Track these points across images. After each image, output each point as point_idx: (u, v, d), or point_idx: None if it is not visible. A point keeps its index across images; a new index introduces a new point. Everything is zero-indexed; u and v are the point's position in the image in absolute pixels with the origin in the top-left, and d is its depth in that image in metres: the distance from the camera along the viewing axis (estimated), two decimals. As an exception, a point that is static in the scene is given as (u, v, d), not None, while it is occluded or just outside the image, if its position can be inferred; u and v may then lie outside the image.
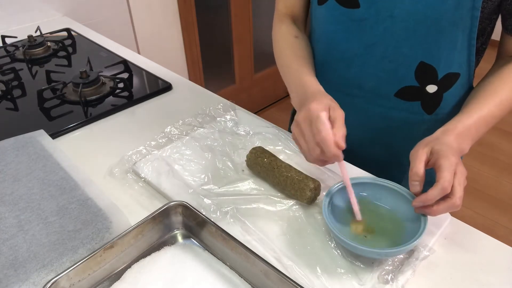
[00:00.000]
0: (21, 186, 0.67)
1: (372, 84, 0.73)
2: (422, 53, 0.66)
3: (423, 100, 0.72)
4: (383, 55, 0.69)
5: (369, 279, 0.53)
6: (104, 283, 0.54)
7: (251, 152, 0.70)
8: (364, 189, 0.62)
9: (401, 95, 0.72)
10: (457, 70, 0.68)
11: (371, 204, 0.62)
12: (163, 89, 0.99)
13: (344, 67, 0.74)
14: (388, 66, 0.70)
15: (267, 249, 0.57)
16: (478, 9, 0.60)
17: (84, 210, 0.62)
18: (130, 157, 0.75)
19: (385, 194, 0.61)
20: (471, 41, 0.64)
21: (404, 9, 0.63)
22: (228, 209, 0.63)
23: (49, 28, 1.36)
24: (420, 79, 0.69)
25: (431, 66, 0.67)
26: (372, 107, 0.76)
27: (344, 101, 0.76)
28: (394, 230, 0.58)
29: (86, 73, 0.98)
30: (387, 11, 0.65)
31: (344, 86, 0.77)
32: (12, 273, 0.53)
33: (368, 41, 0.69)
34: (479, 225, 0.61)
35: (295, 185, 0.63)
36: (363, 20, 0.68)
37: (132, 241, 0.56)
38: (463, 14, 0.61)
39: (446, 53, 0.66)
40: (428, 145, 0.55)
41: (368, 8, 0.66)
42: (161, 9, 1.82)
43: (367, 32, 0.68)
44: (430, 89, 0.70)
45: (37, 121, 0.89)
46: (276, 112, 2.69)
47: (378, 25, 0.67)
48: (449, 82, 0.69)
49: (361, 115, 0.78)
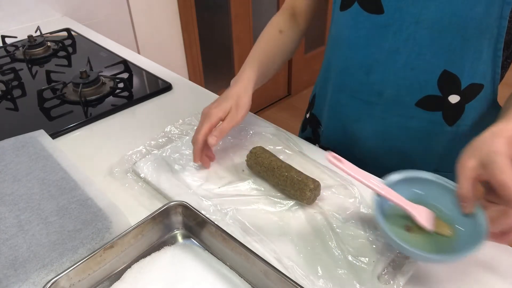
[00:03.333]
0: (21, 186, 0.67)
1: (393, 92, 0.71)
2: (445, 61, 0.65)
3: (444, 110, 0.69)
4: (406, 62, 0.67)
5: (370, 279, 0.53)
6: (104, 283, 0.54)
7: (251, 152, 0.70)
8: (418, 185, 0.55)
9: (422, 104, 0.70)
10: (481, 81, 0.66)
11: (428, 205, 0.55)
12: (163, 89, 0.99)
13: (364, 73, 0.73)
14: (410, 73, 0.68)
15: (267, 249, 0.57)
16: (506, 18, 0.59)
17: (84, 210, 0.62)
18: (130, 157, 0.75)
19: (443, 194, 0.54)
20: (497, 52, 0.63)
21: (430, 15, 0.62)
22: (228, 209, 0.63)
23: (49, 28, 1.36)
24: (442, 89, 0.67)
25: (455, 75, 0.65)
26: (391, 116, 0.74)
27: (362, 109, 0.77)
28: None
29: (86, 73, 0.98)
30: (412, 17, 0.64)
31: (363, 94, 0.75)
32: (12, 273, 0.53)
33: (390, 48, 0.68)
34: (479, 225, 0.60)
35: (295, 185, 0.63)
36: (387, 26, 0.67)
37: (132, 241, 0.56)
38: (490, 23, 0.60)
39: (470, 62, 0.64)
40: (475, 156, 0.47)
41: (393, 14, 0.65)
42: (161, 9, 1.82)
43: (390, 38, 0.67)
44: (453, 99, 0.68)
45: (37, 121, 0.89)
46: (276, 112, 2.69)
47: (402, 31, 0.66)
48: (472, 93, 0.67)
49: (379, 124, 0.76)
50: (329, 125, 0.86)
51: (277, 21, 0.82)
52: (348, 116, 0.80)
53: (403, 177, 0.54)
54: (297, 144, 0.78)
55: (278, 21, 0.82)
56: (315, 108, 0.92)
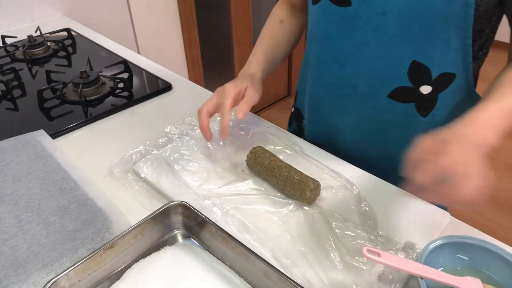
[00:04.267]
0: (21, 186, 0.67)
1: (366, 84, 0.72)
2: (414, 52, 0.65)
3: (417, 101, 0.70)
4: (376, 55, 0.68)
5: (369, 279, 0.53)
6: (104, 283, 0.54)
7: (251, 152, 0.70)
8: (464, 250, 0.53)
9: (394, 96, 0.70)
10: (452, 70, 0.66)
11: (477, 272, 0.52)
12: (163, 89, 0.99)
13: (338, 67, 0.73)
14: (380, 65, 0.68)
15: (267, 249, 0.57)
16: (472, 6, 0.58)
17: (84, 210, 0.62)
18: (130, 157, 0.75)
19: (491, 259, 0.51)
20: (466, 40, 0.62)
21: (396, 6, 0.62)
22: (228, 209, 0.63)
23: (49, 28, 1.36)
24: (413, 80, 0.68)
25: (424, 66, 0.66)
26: (366, 108, 0.74)
27: (338, 102, 0.77)
28: None
29: (86, 73, 0.98)
30: (379, 8, 0.64)
31: (338, 87, 0.76)
32: (12, 273, 0.53)
33: (360, 40, 0.68)
34: (479, 225, 0.60)
35: (295, 185, 0.63)
36: (355, 18, 0.67)
37: (132, 241, 0.56)
38: (455, 11, 0.59)
39: (439, 52, 0.64)
40: (439, 134, 0.50)
41: (360, 6, 0.66)
42: (161, 9, 1.82)
43: (359, 31, 0.68)
44: (424, 90, 0.68)
45: (37, 121, 0.89)
46: (276, 112, 2.69)
47: (370, 23, 0.66)
48: (444, 83, 0.68)
49: (355, 117, 0.77)
50: (310, 119, 0.87)
51: (278, 13, 0.85)
52: (327, 109, 0.81)
53: (445, 242, 0.53)
54: (297, 144, 0.78)
55: (279, 12, 0.85)
56: (298, 102, 0.93)
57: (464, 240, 0.53)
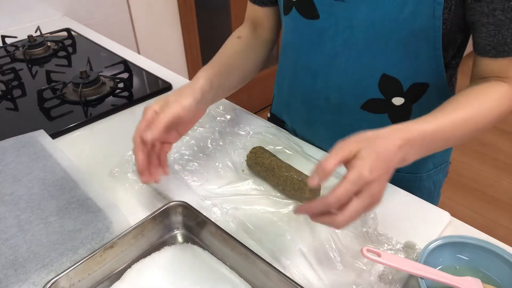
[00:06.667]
0: (21, 186, 0.67)
1: (338, 96, 0.71)
2: (383, 64, 0.64)
3: (390, 112, 0.69)
4: (345, 67, 0.67)
5: (369, 279, 0.53)
6: (104, 283, 0.54)
7: (251, 152, 0.70)
8: (464, 250, 0.53)
9: (367, 107, 0.70)
10: (424, 80, 0.65)
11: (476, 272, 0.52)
12: (163, 89, 0.99)
13: (311, 78, 0.73)
14: (351, 78, 0.68)
15: (266, 249, 0.57)
16: (439, 18, 0.57)
17: (84, 210, 0.62)
18: (130, 157, 0.75)
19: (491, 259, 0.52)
20: (436, 51, 0.61)
21: (362, 19, 0.62)
22: (228, 209, 0.63)
23: (49, 28, 1.36)
24: (384, 92, 0.67)
25: (394, 78, 0.65)
26: (340, 119, 0.74)
27: (313, 113, 0.77)
28: None
29: (86, 73, 0.98)
30: (346, 21, 0.63)
31: (312, 99, 0.75)
32: (12, 273, 0.53)
33: (330, 52, 0.68)
34: (479, 225, 0.60)
35: (295, 185, 0.63)
36: (324, 31, 0.67)
37: (132, 241, 0.56)
38: (422, 24, 0.58)
39: (408, 64, 0.63)
40: (360, 144, 0.48)
41: (327, 19, 0.65)
42: (161, 9, 1.82)
43: (328, 43, 0.67)
44: (397, 102, 0.68)
45: (37, 121, 0.88)
46: (276, 112, 2.69)
47: (338, 36, 0.66)
48: (417, 93, 0.67)
49: (330, 128, 0.76)
50: (290, 126, 0.87)
51: (238, 30, 0.82)
52: (303, 120, 0.81)
53: (445, 242, 0.53)
54: (297, 144, 0.78)
55: (239, 30, 0.82)
56: (274, 108, 0.93)
57: (464, 240, 0.53)
